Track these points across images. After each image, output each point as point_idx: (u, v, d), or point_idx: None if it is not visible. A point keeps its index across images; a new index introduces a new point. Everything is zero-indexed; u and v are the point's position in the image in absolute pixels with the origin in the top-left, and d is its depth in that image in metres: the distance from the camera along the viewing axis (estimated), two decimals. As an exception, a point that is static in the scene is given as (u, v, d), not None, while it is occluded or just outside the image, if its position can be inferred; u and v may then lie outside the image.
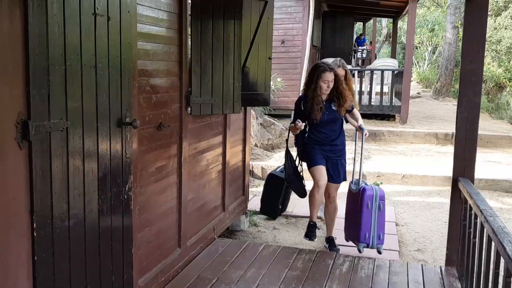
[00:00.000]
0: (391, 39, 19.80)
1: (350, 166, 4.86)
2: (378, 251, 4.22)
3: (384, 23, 26.74)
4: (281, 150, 8.61)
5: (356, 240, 4.25)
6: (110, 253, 2.60)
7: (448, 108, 13.50)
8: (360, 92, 10.76)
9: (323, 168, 4.30)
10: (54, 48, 2.05)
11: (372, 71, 11.43)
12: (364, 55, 20.57)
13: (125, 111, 2.65)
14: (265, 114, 9.52)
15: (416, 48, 22.46)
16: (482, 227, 2.84)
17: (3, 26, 1.81)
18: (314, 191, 4.33)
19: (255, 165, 7.43)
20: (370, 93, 11.02)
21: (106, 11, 2.41)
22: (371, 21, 20.82)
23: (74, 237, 2.27)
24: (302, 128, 4.19)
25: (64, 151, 2.17)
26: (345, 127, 4.61)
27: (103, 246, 2.53)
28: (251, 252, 4.11)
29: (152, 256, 3.28)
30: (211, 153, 4.24)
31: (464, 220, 3.51)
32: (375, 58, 19.25)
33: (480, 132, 3.87)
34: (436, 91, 16.14)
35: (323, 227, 5.01)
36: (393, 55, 15.64)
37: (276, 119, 9.60)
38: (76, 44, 2.20)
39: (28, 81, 1.93)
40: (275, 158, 7.80)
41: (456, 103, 3.96)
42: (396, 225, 5.42)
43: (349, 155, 5.28)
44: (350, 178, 4.53)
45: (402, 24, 23.14)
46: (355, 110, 4.55)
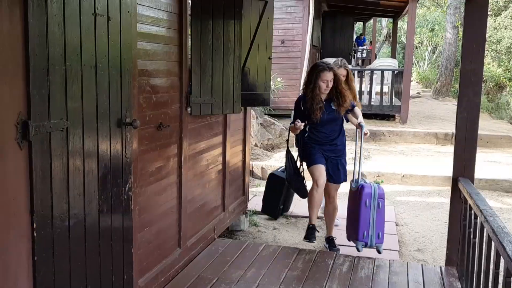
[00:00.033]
0: (391, 39, 19.81)
1: (350, 166, 4.86)
2: (377, 250, 4.17)
3: (384, 23, 26.74)
4: (281, 150, 8.61)
5: (355, 239, 4.21)
6: (110, 253, 2.60)
7: (448, 108, 13.51)
8: (360, 92, 10.74)
9: (322, 167, 4.28)
10: (54, 48, 2.05)
11: (372, 71, 11.44)
12: (364, 55, 20.59)
13: (125, 111, 2.65)
14: (265, 114, 9.52)
15: (416, 48, 22.45)
16: (482, 227, 2.84)
17: (3, 26, 1.81)
18: (313, 190, 4.30)
19: (255, 165, 7.43)
20: (370, 93, 11.04)
21: (106, 11, 2.41)
22: (371, 21, 20.83)
23: (74, 237, 2.27)
24: (302, 128, 4.18)
25: (64, 151, 2.17)
26: (345, 126, 4.60)
27: (103, 246, 2.53)
28: (251, 252, 4.11)
29: (152, 256, 3.28)
30: (211, 153, 4.25)
31: (464, 220, 3.52)
32: (375, 58, 19.25)
33: (480, 132, 3.87)
34: (436, 91, 16.14)
35: (323, 227, 5.01)
36: (393, 55, 15.64)
37: (276, 119, 9.60)
38: (76, 44, 2.20)
39: (28, 81, 1.93)
40: (275, 158, 7.80)
41: (456, 103, 3.96)
42: (396, 225, 5.42)
43: (349, 155, 5.28)
44: (351, 178, 4.52)
45: (402, 24, 23.14)
46: (356, 108, 4.51)
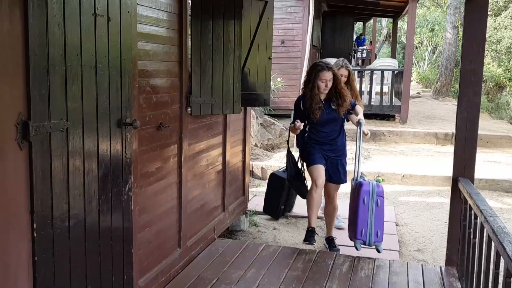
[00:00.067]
0: (391, 39, 19.81)
1: (350, 166, 4.86)
2: (377, 249, 4.13)
3: (384, 23, 26.74)
4: (281, 150, 8.61)
5: (353, 237, 4.16)
6: (110, 253, 2.60)
7: (448, 108, 13.51)
8: (360, 92, 10.70)
9: (321, 168, 4.25)
10: (54, 49, 2.06)
11: (372, 71, 11.44)
12: (364, 55, 20.60)
13: (125, 111, 2.65)
14: (265, 114, 9.53)
15: (416, 48, 22.46)
16: (482, 227, 2.84)
17: (3, 26, 1.81)
18: (312, 190, 4.26)
19: (255, 165, 7.43)
20: (370, 93, 11.04)
21: (106, 12, 2.41)
22: (371, 21, 20.84)
23: (74, 237, 2.27)
24: (301, 128, 4.16)
25: (64, 152, 2.17)
26: (346, 127, 4.58)
27: (103, 246, 2.53)
28: (251, 252, 4.11)
29: (152, 256, 3.28)
30: (211, 153, 4.25)
31: (464, 220, 3.51)
32: (375, 58, 19.26)
33: (480, 132, 3.87)
34: (436, 91, 16.15)
35: (323, 227, 5.01)
36: (393, 55, 15.65)
37: (276, 119, 9.61)
38: (76, 44, 2.20)
39: (28, 81, 1.93)
40: (275, 158, 7.80)
41: (456, 103, 3.96)
42: (396, 225, 5.42)
43: (349, 155, 5.28)
44: (351, 177, 4.51)
45: (402, 24, 23.14)
46: (357, 107, 4.44)
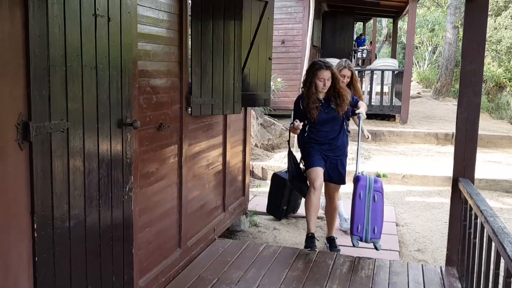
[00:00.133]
0: (391, 39, 19.81)
1: (351, 166, 4.85)
2: (375, 247, 4.06)
3: (384, 23, 26.73)
4: (281, 150, 8.61)
5: (350, 233, 4.11)
6: (110, 253, 2.60)
7: (448, 108, 13.51)
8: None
9: (319, 170, 4.19)
10: (54, 49, 2.06)
11: (372, 71, 11.44)
12: (364, 55, 20.59)
13: (125, 111, 2.66)
14: (265, 114, 9.53)
15: (416, 48, 22.46)
16: (482, 227, 2.84)
17: (3, 27, 1.82)
18: (310, 193, 4.18)
19: (255, 165, 7.43)
20: (370, 93, 11.03)
21: (107, 12, 2.42)
22: (371, 21, 20.84)
23: (74, 237, 2.28)
24: (300, 127, 4.11)
25: (65, 152, 2.17)
26: (350, 127, 4.55)
27: (104, 246, 2.53)
28: (251, 253, 4.11)
29: (152, 257, 3.28)
30: (211, 153, 4.25)
31: (464, 220, 3.51)
32: (375, 58, 19.26)
33: (480, 132, 3.87)
34: (436, 91, 16.14)
35: (323, 227, 5.01)
36: (393, 55, 15.65)
37: (276, 119, 9.61)
38: (76, 45, 2.20)
39: (29, 82, 1.93)
40: (275, 159, 7.80)
41: (456, 103, 3.96)
42: (397, 225, 5.42)
43: (350, 155, 5.28)
44: (351, 178, 4.50)
45: (402, 24, 23.14)
46: (360, 102, 4.37)
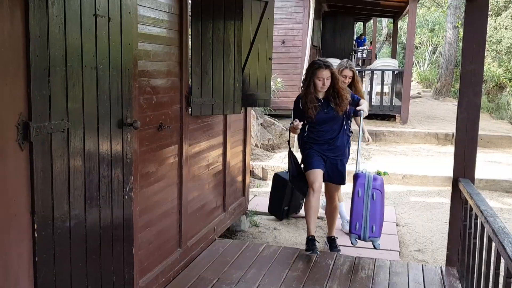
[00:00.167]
0: (391, 39, 19.81)
1: (351, 166, 4.85)
2: (373, 245, 4.03)
3: (385, 23, 26.74)
4: (281, 150, 8.61)
5: (349, 231, 4.09)
6: (111, 253, 2.60)
7: (448, 108, 13.51)
8: (361, 92, 10.76)
9: (318, 172, 4.15)
10: (55, 49, 2.06)
11: (372, 71, 11.44)
12: (364, 55, 20.58)
13: (125, 112, 2.66)
14: (265, 114, 9.53)
15: (417, 48, 22.46)
16: (483, 227, 2.84)
17: (4, 27, 1.82)
18: (310, 195, 4.14)
19: (256, 165, 7.43)
20: (370, 93, 11.04)
21: (107, 12, 2.42)
22: (372, 21, 20.84)
23: (75, 237, 2.28)
24: (300, 127, 4.08)
25: (65, 152, 2.17)
26: (352, 127, 4.53)
27: (104, 246, 2.53)
28: (251, 253, 4.11)
29: (152, 257, 3.28)
30: (212, 153, 4.25)
31: (464, 220, 3.51)
32: (376, 58, 19.27)
33: (480, 132, 3.87)
34: (437, 91, 16.14)
35: (324, 227, 5.01)
36: (393, 55, 15.65)
37: (276, 119, 9.61)
38: (77, 45, 2.21)
39: (29, 82, 1.93)
40: (276, 159, 7.80)
41: (456, 103, 3.96)
42: (397, 225, 5.42)
43: (350, 155, 5.26)
44: (351, 178, 4.49)
45: (403, 24, 23.14)
46: (362, 100, 4.33)
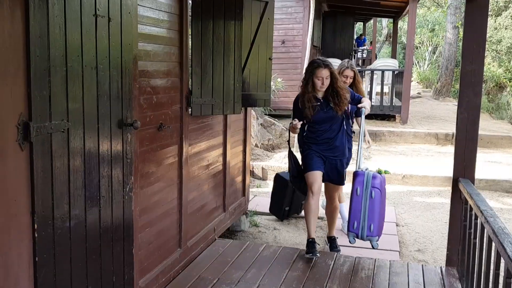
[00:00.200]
0: (391, 39, 19.80)
1: (351, 166, 4.84)
2: (372, 245, 3.99)
3: (385, 23, 26.73)
4: (281, 150, 8.61)
5: (347, 229, 4.05)
6: (111, 253, 2.61)
7: (448, 108, 13.51)
8: (360, 92, 10.76)
9: (317, 173, 4.12)
10: (55, 49, 2.06)
11: (372, 71, 11.44)
12: (364, 55, 20.57)
13: (126, 112, 2.66)
14: (265, 115, 9.53)
15: (417, 48, 22.46)
16: (483, 227, 2.84)
17: (4, 27, 1.82)
18: (309, 197, 4.11)
19: (256, 165, 7.44)
20: (370, 93, 11.03)
21: (107, 12, 2.42)
22: (372, 21, 20.84)
23: (75, 237, 2.28)
24: (299, 126, 4.04)
25: (65, 152, 2.17)
26: (354, 127, 4.53)
27: (104, 246, 2.53)
28: (251, 253, 4.11)
29: (152, 257, 3.28)
30: (212, 153, 4.25)
31: (464, 220, 3.51)
32: (376, 58, 19.26)
33: (480, 132, 3.87)
34: (437, 91, 16.14)
35: (324, 227, 5.01)
36: (393, 55, 15.65)
37: (276, 119, 9.61)
38: (77, 45, 2.21)
39: (29, 82, 1.93)
40: (276, 159, 7.81)
41: (456, 103, 3.96)
42: (397, 225, 5.42)
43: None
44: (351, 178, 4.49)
45: (403, 24, 23.14)
46: (364, 98, 4.32)
